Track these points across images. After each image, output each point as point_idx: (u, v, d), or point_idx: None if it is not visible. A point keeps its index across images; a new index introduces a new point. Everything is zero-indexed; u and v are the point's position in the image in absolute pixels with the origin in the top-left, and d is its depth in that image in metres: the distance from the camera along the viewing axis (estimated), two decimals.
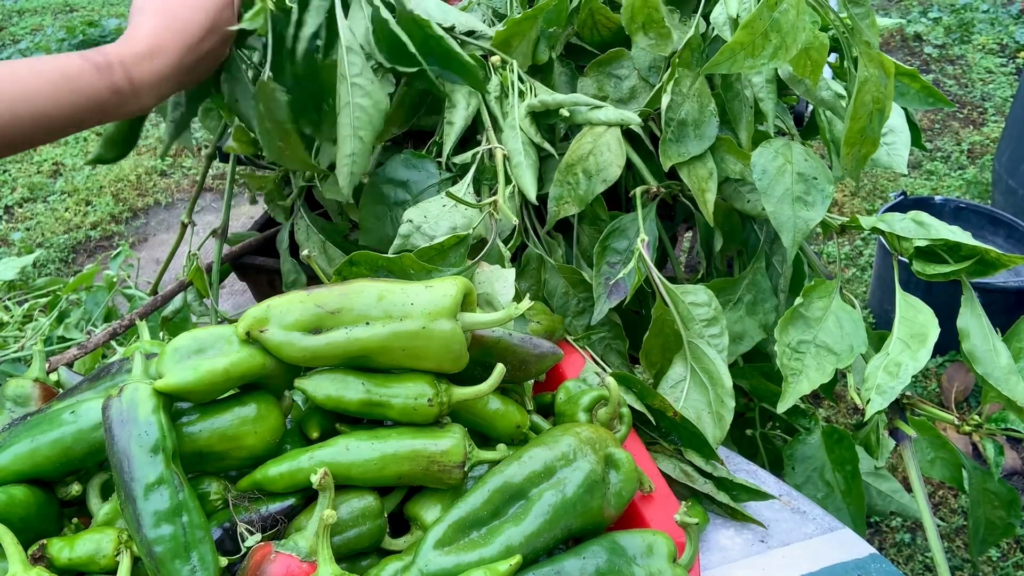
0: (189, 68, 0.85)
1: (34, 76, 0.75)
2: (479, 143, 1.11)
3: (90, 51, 0.79)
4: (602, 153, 1.06)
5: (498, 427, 0.79)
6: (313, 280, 1.32)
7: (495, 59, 1.15)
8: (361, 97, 0.97)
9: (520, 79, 1.15)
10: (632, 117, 1.08)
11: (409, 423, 0.73)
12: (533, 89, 1.15)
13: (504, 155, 1.07)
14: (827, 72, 1.18)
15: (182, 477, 0.64)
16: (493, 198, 0.99)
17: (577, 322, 1.11)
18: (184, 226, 1.45)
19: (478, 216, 1.00)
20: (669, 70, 1.06)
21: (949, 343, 0.92)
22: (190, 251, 1.35)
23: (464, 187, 1.05)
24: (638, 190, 1.11)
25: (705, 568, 0.82)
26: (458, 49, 1.04)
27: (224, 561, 0.64)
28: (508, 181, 1.05)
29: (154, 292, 1.50)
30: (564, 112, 1.09)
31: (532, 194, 1.06)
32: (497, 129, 1.12)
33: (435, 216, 0.99)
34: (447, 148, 1.09)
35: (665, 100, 1.04)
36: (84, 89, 0.76)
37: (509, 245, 1.05)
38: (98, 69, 0.77)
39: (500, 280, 0.91)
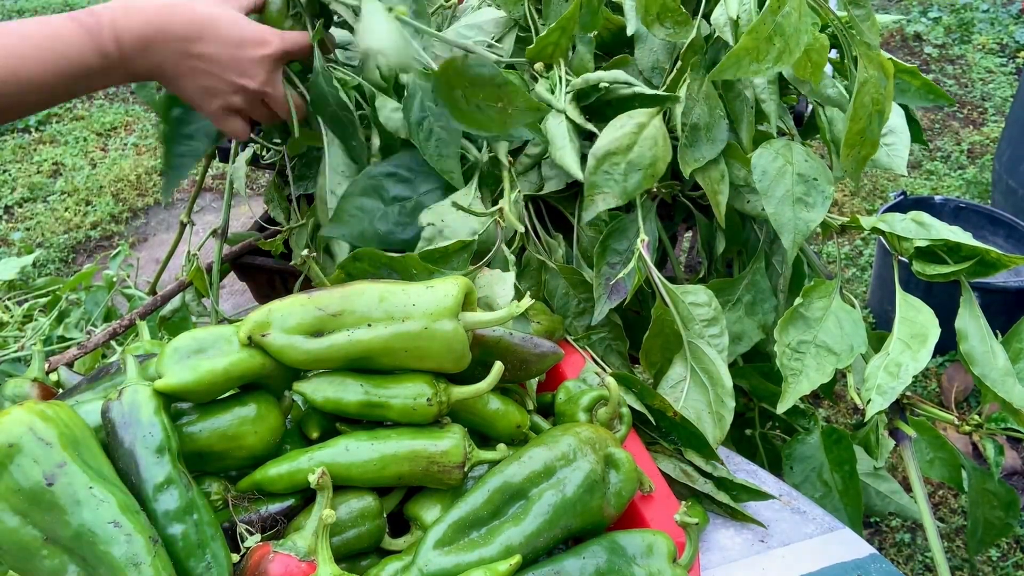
0: (183, 56, 0.83)
1: (21, 40, 0.72)
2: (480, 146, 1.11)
3: (81, 12, 0.76)
4: (648, 147, 1.03)
5: (498, 427, 0.79)
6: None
7: (539, 66, 1.15)
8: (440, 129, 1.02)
9: (567, 73, 1.14)
10: (666, 95, 1.06)
11: (409, 423, 0.73)
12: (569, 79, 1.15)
13: (509, 162, 1.07)
14: (828, 69, 1.17)
15: (189, 476, 0.64)
16: (498, 207, 0.99)
17: (577, 322, 1.11)
18: (183, 225, 1.44)
19: (489, 220, 1.00)
20: (675, 72, 1.06)
21: (949, 343, 0.92)
22: (189, 251, 1.35)
23: (471, 191, 1.05)
24: None
25: (705, 568, 0.82)
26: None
27: (235, 557, 0.64)
28: (513, 187, 1.05)
29: (153, 292, 1.50)
30: (604, 85, 1.08)
31: (576, 170, 1.03)
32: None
33: (452, 219, 0.99)
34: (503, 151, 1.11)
35: (679, 107, 1.03)
36: (71, 53, 0.74)
37: (512, 248, 1.05)
38: (88, 31, 0.74)
39: (500, 283, 0.92)
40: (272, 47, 0.90)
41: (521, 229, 0.99)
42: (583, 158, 1.09)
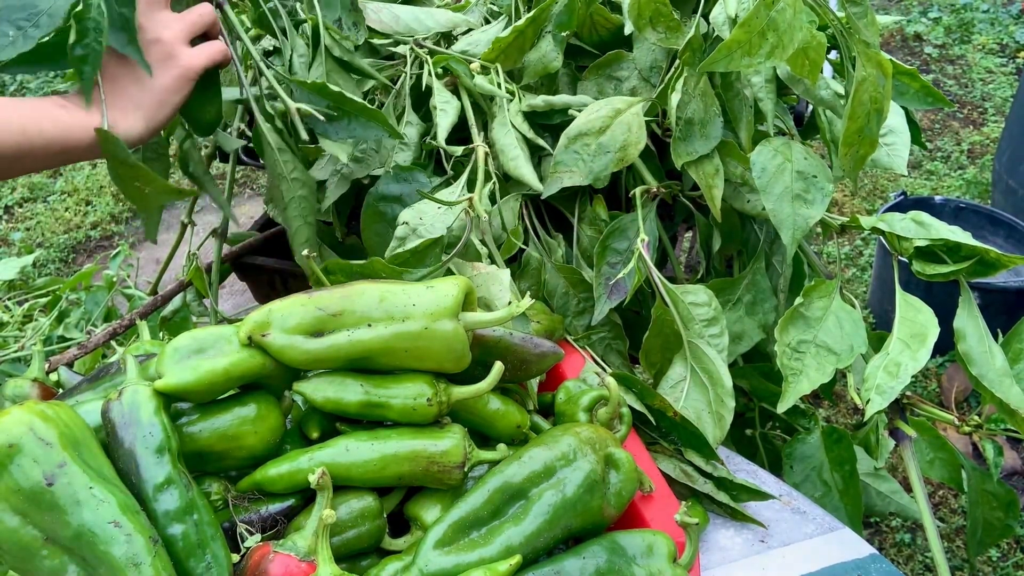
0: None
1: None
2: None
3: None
4: (621, 132, 1.03)
5: (498, 427, 0.79)
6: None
7: (475, 66, 1.15)
8: (300, 188, 1.03)
9: (506, 81, 1.15)
10: (643, 104, 1.07)
11: (409, 423, 0.73)
12: (521, 97, 1.15)
13: (486, 153, 1.06)
14: (828, 70, 1.17)
15: (189, 476, 0.64)
16: (467, 196, 0.99)
17: (577, 322, 1.11)
18: (184, 226, 1.45)
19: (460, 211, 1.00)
20: (674, 69, 1.06)
21: (949, 343, 0.92)
22: (190, 251, 1.35)
23: (458, 189, 1.05)
24: (638, 190, 1.11)
25: (705, 568, 0.82)
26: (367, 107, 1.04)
27: (235, 557, 0.64)
28: (488, 178, 1.05)
29: (154, 292, 1.50)
30: (574, 112, 1.09)
31: (535, 182, 1.05)
32: (487, 127, 1.12)
33: (430, 217, 0.99)
34: (441, 135, 1.09)
35: (675, 98, 1.04)
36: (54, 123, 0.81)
37: (507, 248, 1.05)
38: (54, 104, 0.82)
39: (496, 283, 0.92)
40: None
41: (484, 216, 0.98)
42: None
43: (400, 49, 1.24)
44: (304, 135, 0.99)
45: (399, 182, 1.10)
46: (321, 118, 1.00)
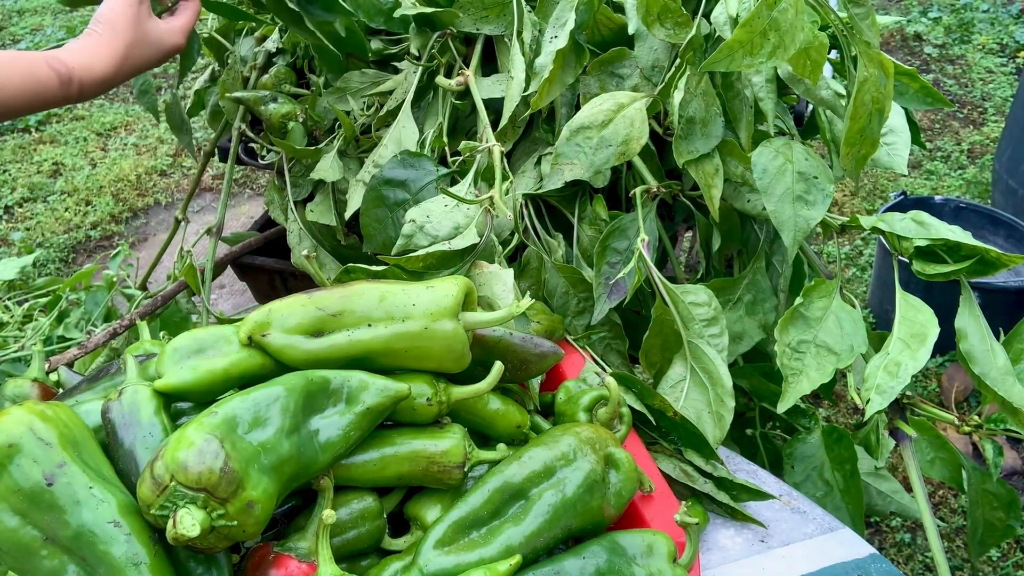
0: (126, 77, 1.02)
1: (3, 69, 0.88)
2: (479, 141, 1.11)
3: (54, 60, 0.91)
4: (624, 126, 1.03)
5: (498, 427, 0.79)
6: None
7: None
8: None
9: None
10: (645, 100, 1.07)
11: (409, 423, 0.73)
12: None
13: (501, 151, 1.06)
14: (828, 70, 1.17)
15: None
16: (488, 195, 0.99)
17: (577, 322, 1.11)
18: (177, 222, 1.45)
19: (477, 212, 1.00)
20: (676, 66, 1.06)
21: (949, 343, 0.92)
22: (181, 248, 1.35)
23: (465, 186, 1.05)
24: (638, 190, 1.11)
25: (705, 568, 0.82)
26: None
27: (235, 558, 0.64)
28: (504, 178, 1.05)
29: (143, 288, 1.50)
30: None
31: None
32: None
33: (438, 215, 0.99)
34: None
35: (677, 96, 1.04)
36: (43, 92, 0.91)
37: (509, 247, 1.05)
38: (60, 80, 0.91)
39: (499, 283, 0.92)
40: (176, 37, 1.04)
41: (509, 215, 0.98)
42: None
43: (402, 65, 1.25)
44: None
45: (405, 167, 1.09)
46: None
